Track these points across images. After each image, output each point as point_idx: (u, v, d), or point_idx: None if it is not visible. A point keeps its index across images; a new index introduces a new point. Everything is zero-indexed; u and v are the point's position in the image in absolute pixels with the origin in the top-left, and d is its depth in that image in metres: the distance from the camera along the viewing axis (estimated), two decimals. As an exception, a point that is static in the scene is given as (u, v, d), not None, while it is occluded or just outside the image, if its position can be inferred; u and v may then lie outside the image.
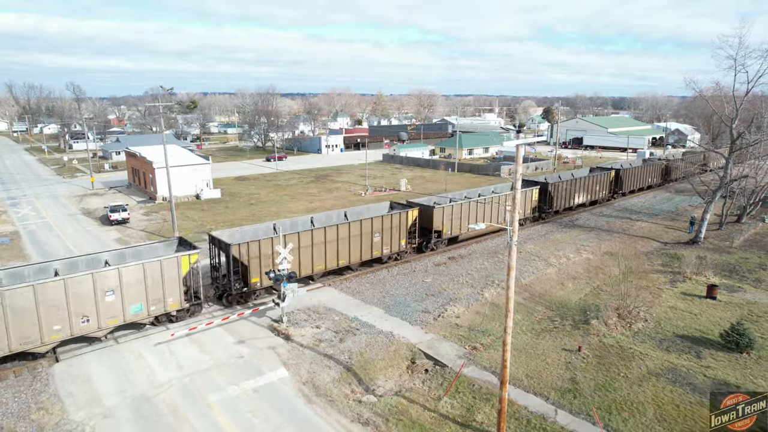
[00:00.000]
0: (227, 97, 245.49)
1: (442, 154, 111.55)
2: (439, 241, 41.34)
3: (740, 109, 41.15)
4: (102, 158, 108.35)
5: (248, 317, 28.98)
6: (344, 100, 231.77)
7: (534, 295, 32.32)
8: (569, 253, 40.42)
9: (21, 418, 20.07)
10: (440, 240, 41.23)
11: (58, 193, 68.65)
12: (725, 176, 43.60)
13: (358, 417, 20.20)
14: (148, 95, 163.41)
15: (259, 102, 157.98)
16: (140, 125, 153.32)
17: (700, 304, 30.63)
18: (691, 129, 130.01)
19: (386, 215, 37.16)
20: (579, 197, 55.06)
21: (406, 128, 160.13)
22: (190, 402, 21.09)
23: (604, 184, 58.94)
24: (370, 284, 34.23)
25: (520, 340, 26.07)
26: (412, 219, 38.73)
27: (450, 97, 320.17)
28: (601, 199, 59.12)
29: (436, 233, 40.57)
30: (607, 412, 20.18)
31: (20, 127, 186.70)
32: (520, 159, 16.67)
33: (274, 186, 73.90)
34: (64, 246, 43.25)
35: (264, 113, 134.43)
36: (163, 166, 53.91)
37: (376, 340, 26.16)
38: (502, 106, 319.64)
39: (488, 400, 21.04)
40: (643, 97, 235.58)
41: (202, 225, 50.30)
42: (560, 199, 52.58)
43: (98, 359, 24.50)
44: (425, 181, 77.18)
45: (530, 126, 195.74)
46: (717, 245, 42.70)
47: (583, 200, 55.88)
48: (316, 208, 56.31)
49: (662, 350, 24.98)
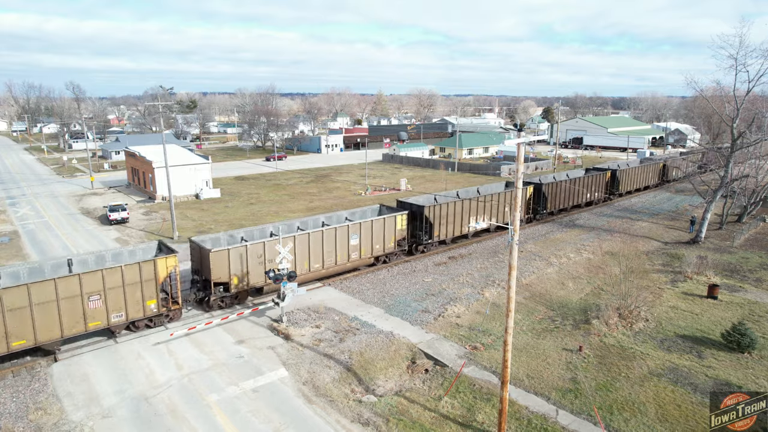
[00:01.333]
0: (227, 96, 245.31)
1: (442, 154, 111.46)
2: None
3: (741, 108, 41.06)
4: (101, 158, 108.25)
5: (248, 317, 28.88)
6: (344, 99, 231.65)
7: (534, 294, 32.23)
8: (570, 253, 40.32)
9: (19, 418, 19.96)
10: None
11: (57, 193, 68.54)
12: (726, 176, 43.51)
13: (358, 417, 20.10)
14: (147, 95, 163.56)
15: (258, 102, 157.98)
16: (140, 125, 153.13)
17: (701, 303, 30.55)
18: (692, 129, 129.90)
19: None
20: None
21: (405, 128, 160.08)
22: (189, 402, 20.98)
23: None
24: (371, 284, 34.12)
25: (521, 339, 25.97)
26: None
27: (450, 97, 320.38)
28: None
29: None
30: (609, 412, 20.09)
31: (20, 126, 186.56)
32: (521, 158, 16.57)
33: (273, 186, 73.80)
34: (63, 245, 43.14)
35: (264, 113, 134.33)
36: (163, 166, 53.82)
37: (376, 339, 26.05)
38: (502, 106, 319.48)
39: (489, 400, 20.95)
40: (643, 97, 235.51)
41: (201, 225, 50.20)
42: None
43: (97, 359, 24.39)
44: (425, 181, 77.08)
45: (530, 126, 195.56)
46: (718, 245, 42.61)
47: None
48: (315, 208, 56.22)
49: (663, 350, 24.89)
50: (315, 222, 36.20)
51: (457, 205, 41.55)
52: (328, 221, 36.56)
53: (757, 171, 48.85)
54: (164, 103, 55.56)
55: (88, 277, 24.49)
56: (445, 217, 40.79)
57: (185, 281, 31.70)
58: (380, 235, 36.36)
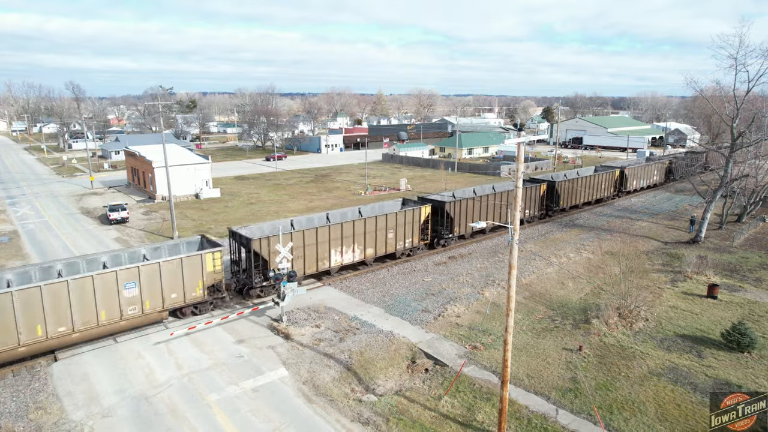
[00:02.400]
0: (227, 96, 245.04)
1: (442, 154, 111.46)
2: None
3: (741, 108, 41.07)
4: (101, 158, 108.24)
5: (248, 316, 28.88)
6: (344, 99, 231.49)
7: (534, 294, 32.23)
8: (569, 253, 40.34)
9: (19, 417, 19.96)
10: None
11: (57, 193, 68.52)
12: (726, 176, 43.53)
13: (358, 416, 20.10)
14: (147, 95, 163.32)
15: (258, 102, 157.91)
16: (140, 125, 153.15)
17: (701, 303, 30.56)
18: (691, 129, 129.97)
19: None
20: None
21: (405, 128, 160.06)
22: (189, 402, 20.98)
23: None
24: (370, 283, 34.13)
25: (521, 339, 25.98)
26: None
27: (450, 97, 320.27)
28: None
29: None
30: (608, 412, 20.10)
31: (19, 126, 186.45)
32: (521, 157, 16.57)
33: (273, 185, 73.79)
34: (63, 245, 43.13)
35: (264, 113, 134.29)
36: (163, 166, 53.81)
37: (376, 339, 26.06)
38: (501, 106, 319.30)
39: (489, 400, 20.95)
40: (642, 97, 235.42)
41: (201, 224, 50.20)
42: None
43: (97, 359, 24.39)
44: (425, 181, 77.08)
45: (530, 126, 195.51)
46: (717, 245, 42.63)
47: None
48: (315, 208, 56.21)
49: (663, 350, 24.90)
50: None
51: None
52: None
53: (757, 171, 48.86)
54: (164, 103, 55.56)
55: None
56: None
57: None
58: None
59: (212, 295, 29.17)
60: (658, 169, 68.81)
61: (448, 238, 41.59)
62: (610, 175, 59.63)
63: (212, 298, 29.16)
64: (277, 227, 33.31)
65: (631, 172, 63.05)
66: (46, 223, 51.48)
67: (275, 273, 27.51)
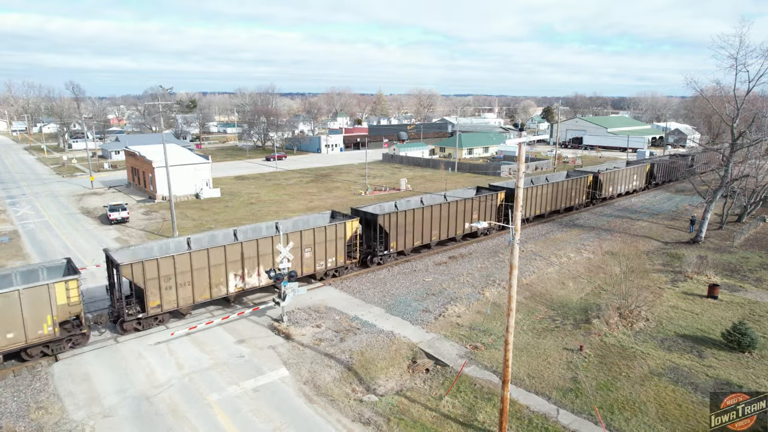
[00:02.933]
0: (227, 96, 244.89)
1: (442, 154, 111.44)
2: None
3: (741, 108, 41.07)
4: (101, 158, 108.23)
5: (248, 316, 28.88)
6: (344, 99, 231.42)
7: (535, 294, 32.24)
8: (570, 253, 40.34)
9: (20, 417, 19.96)
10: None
11: (57, 193, 68.51)
12: (726, 176, 43.53)
13: (359, 416, 20.11)
14: (147, 95, 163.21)
15: (258, 101, 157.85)
16: (139, 125, 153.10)
17: (701, 303, 30.56)
18: (691, 129, 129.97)
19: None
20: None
21: (405, 128, 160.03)
22: (190, 401, 20.99)
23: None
24: (371, 284, 34.13)
25: (522, 339, 25.98)
26: None
27: (450, 97, 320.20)
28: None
29: None
30: (609, 412, 20.10)
31: (19, 126, 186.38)
32: (522, 157, 16.57)
33: (273, 185, 73.79)
34: (63, 245, 43.13)
35: (263, 113, 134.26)
36: (163, 166, 53.79)
37: (376, 339, 26.06)
38: (501, 106, 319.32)
39: (490, 400, 20.96)
40: (642, 97, 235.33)
41: (202, 224, 50.20)
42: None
43: (98, 359, 24.39)
44: (425, 181, 77.08)
45: (530, 126, 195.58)
46: (718, 245, 42.64)
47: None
48: (315, 208, 56.21)
49: (664, 350, 24.90)
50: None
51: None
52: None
53: (757, 171, 48.86)
54: (164, 103, 55.55)
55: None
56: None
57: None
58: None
59: (69, 332, 24.94)
60: (638, 173, 64.97)
61: (383, 255, 37.32)
62: (582, 181, 55.63)
63: (69, 335, 24.86)
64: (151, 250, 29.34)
65: (606, 177, 58.67)
66: (47, 223, 51.48)
67: (276, 273, 27.49)
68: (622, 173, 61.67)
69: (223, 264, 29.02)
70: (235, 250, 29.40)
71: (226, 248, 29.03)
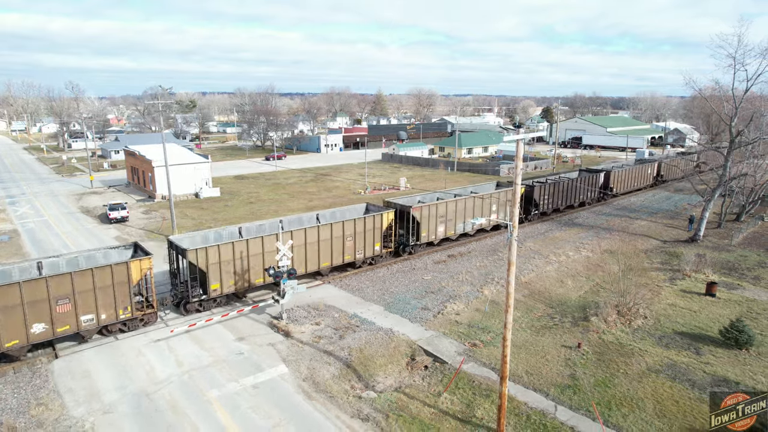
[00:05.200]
0: (226, 96, 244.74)
1: (442, 154, 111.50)
2: None
3: (739, 107, 41.17)
4: (101, 157, 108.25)
5: (248, 314, 28.97)
6: (343, 99, 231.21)
7: (533, 292, 32.33)
8: (569, 251, 40.43)
9: (20, 413, 20.04)
10: None
11: (56, 192, 68.57)
12: (724, 174, 43.63)
13: (358, 413, 20.20)
14: (147, 94, 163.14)
15: (258, 101, 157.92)
16: (139, 124, 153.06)
17: (699, 301, 30.67)
18: (690, 128, 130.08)
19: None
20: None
21: (405, 127, 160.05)
22: (189, 398, 21.07)
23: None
24: (370, 281, 34.22)
25: (520, 336, 26.07)
26: None
27: (449, 97, 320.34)
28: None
29: None
30: (607, 408, 20.20)
31: (19, 126, 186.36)
32: (520, 154, 16.67)
33: (273, 185, 73.86)
34: (63, 244, 43.19)
35: (263, 113, 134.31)
36: (163, 165, 53.88)
37: (375, 336, 26.15)
38: (501, 105, 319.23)
39: (488, 396, 21.05)
40: (642, 97, 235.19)
41: (201, 223, 50.28)
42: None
43: (98, 356, 24.48)
44: (425, 180, 77.16)
45: (529, 126, 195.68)
46: (716, 243, 42.75)
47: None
48: (315, 207, 56.29)
49: (662, 347, 25.01)
50: None
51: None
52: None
53: (756, 170, 48.97)
54: (164, 102, 55.58)
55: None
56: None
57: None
58: None
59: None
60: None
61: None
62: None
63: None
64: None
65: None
66: (46, 222, 51.55)
67: (275, 271, 27.57)
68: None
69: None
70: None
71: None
